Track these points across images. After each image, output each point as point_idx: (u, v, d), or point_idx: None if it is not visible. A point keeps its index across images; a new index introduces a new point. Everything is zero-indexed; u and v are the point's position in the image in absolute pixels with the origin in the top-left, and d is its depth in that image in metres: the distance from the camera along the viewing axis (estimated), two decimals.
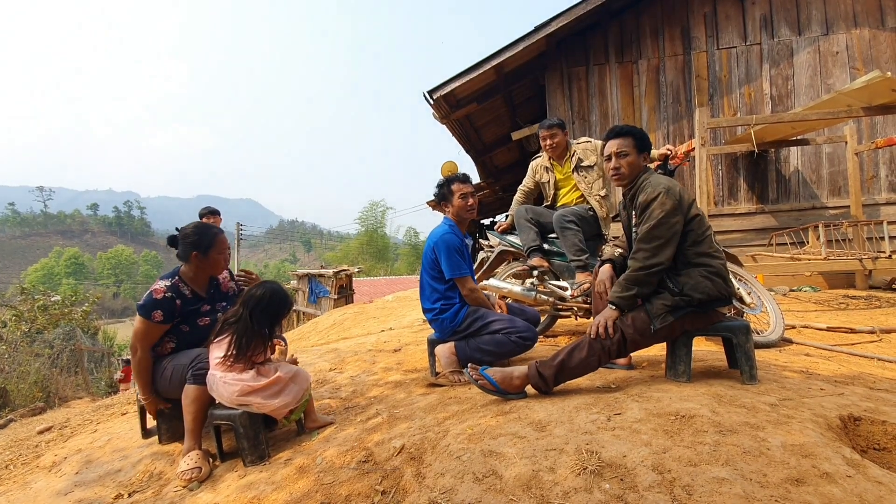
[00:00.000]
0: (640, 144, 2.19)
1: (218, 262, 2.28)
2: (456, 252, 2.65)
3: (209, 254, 2.23)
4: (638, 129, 2.23)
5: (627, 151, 2.17)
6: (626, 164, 2.18)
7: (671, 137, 7.18)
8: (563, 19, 6.77)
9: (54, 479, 2.17)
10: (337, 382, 2.89)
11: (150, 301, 2.12)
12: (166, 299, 2.14)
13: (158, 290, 2.14)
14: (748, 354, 2.05)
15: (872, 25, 6.74)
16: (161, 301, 2.12)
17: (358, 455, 1.78)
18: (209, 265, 2.26)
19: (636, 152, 2.18)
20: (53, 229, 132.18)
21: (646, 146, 2.21)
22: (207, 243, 2.22)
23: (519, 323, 2.59)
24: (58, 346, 11.18)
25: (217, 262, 2.28)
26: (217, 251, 2.26)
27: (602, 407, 1.78)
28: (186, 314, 2.22)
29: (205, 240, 2.22)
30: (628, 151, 2.17)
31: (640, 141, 2.19)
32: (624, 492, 1.25)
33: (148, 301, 2.12)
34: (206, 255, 2.22)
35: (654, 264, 2.01)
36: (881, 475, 1.26)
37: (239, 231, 26.21)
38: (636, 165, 2.19)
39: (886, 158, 6.68)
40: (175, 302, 2.16)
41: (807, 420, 1.58)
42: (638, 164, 2.20)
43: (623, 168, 2.19)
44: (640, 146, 2.19)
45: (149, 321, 2.11)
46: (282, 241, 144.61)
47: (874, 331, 3.64)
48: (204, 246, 2.21)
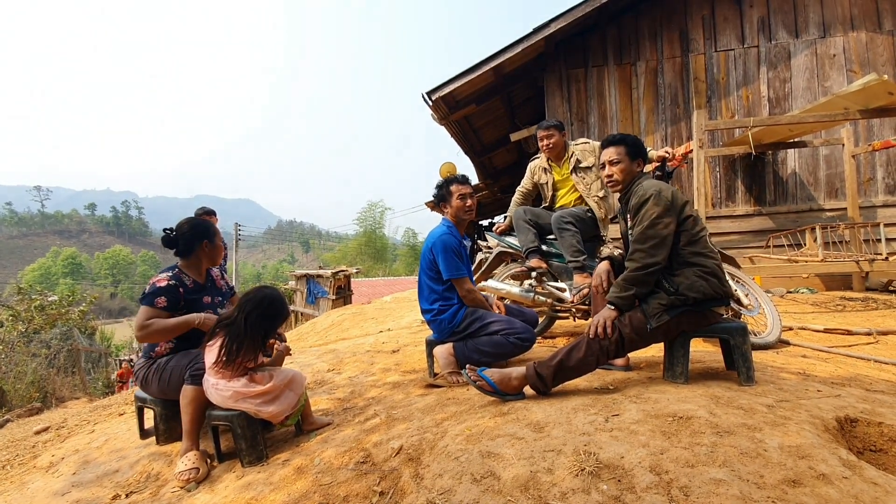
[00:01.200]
0: (633, 151, 2.28)
1: (220, 249, 2.44)
2: (454, 253, 2.65)
3: (214, 240, 2.37)
4: (631, 136, 2.33)
5: (619, 159, 2.27)
6: (619, 171, 2.28)
7: (669, 139, 7.20)
8: (562, 21, 6.79)
9: (51, 480, 2.17)
10: (335, 383, 2.89)
11: (153, 289, 2.13)
12: (170, 286, 2.16)
13: (161, 280, 2.17)
14: (745, 356, 2.06)
15: (869, 28, 6.77)
16: (165, 288, 2.14)
17: (356, 456, 1.78)
18: (215, 252, 2.38)
19: (629, 159, 2.27)
20: (51, 229, 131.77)
21: (639, 153, 2.30)
22: (212, 230, 2.37)
23: (517, 324, 2.59)
24: (55, 347, 11.14)
25: (220, 249, 2.43)
26: (218, 237, 2.43)
27: (600, 408, 1.78)
28: (190, 302, 2.22)
29: (208, 228, 2.36)
30: (620, 159, 2.27)
31: (631, 147, 2.28)
32: (621, 493, 1.26)
33: (151, 289, 2.14)
34: (213, 242, 2.36)
35: (650, 264, 2.04)
36: (877, 476, 1.27)
37: (237, 231, 26.16)
38: (629, 171, 2.28)
39: (883, 161, 6.71)
40: (178, 290, 2.19)
41: (803, 421, 1.58)
42: (631, 169, 2.28)
43: (615, 175, 2.29)
44: (632, 153, 2.28)
45: (152, 307, 2.11)
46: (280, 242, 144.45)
47: (871, 332, 3.66)
48: (210, 233, 2.35)
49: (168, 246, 2.28)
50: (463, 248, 2.76)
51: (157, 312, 2.12)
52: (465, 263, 2.73)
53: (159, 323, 2.11)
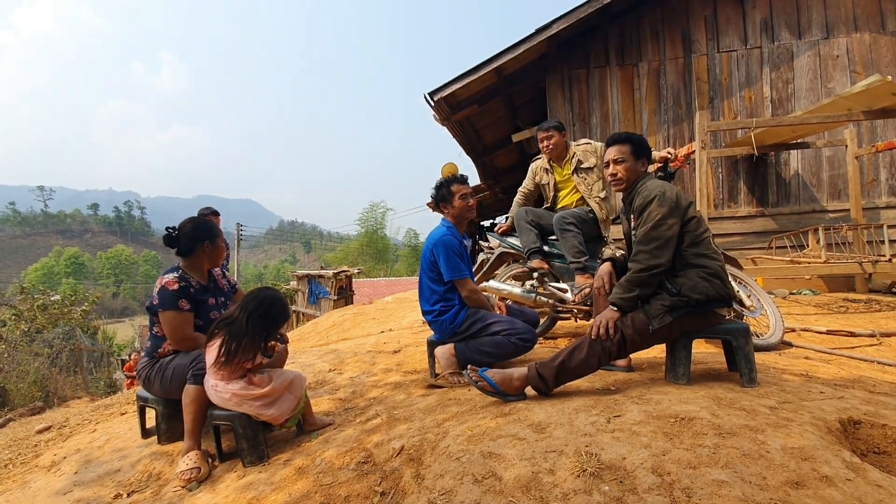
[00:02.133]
0: (638, 150, 2.26)
1: (223, 251, 2.42)
2: (455, 254, 2.65)
3: (216, 241, 2.35)
4: (637, 135, 2.31)
5: (624, 158, 2.25)
6: (623, 170, 2.26)
7: (671, 140, 7.19)
8: (563, 22, 6.78)
9: (53, 479, 2.17)
10: (336, 383, 2.89)
11: (168, 294, 2.13)
12: (182, 288, 2.16)
13: (170, 282, 2.15)
14: (748, 357, 2.06)
15: (873, 29, 6.75)
16: (179, 291, 2.15)
17: (357, 456, 1.78)
18: (217, 253, 2.35)
19: (633, 158, 2.25)
20: (53, 229, 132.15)
21: (643, 152, 2.28)
22: (214, 231, 2.34)
23: (519, 324, 2.59)
24: (57, 346, 11.16)
25: (222, 251, 2.42)
26: (220, 238, 2.41)
27: (602, 409, 1.78)
28: (198, 304, 2.23)
29: (211, 228, 2.34)
30: (625, 158, 2.25)
31: (637, 147, 2.26)
32: (623, 494, 1.25)
33: (166, 294, 2.13)
34: (215, 243, 2.33)
35: (654, 265, 2.03)
36: (881, 479, 1.26)
37: (239, 231, 26.20)
38: (633, 170, 2.26)
39: (887, 162, 6.69)
40: (189, 290, 2.19)
41: (806, 423, 1.58)
42: (635, 169, 2.26)
43: (620, 173, 2.27)
44: (637, 152, 2.26)
45: (179, 311, 2.13)
46: (282, 242, 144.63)
47: (874, 334, 3.64)
48: (213, 234, 2.32)
49: (170, 245, 2.27)
50: (464, 248, 2.76)
51: (185, 316, 2.15)
52: (466, 264, 2.73)
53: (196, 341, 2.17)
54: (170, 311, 2.13)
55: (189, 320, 2.18)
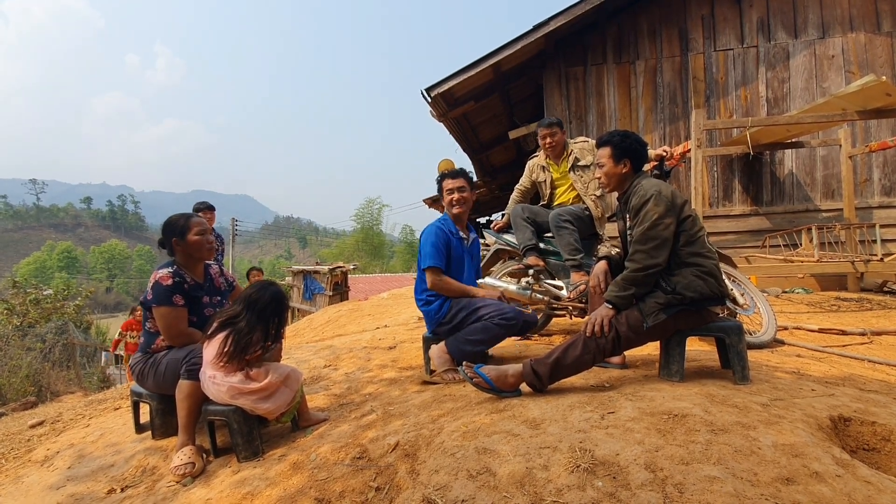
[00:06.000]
0: (617, 152, 2.26)
1: (199, 244, 2.24)
2: (433, 243, 2.62)
3: (186, 237, 2.22)
4: (617, 136, 2.29)
5: (603, 162, 2.30)
6: (603, 174, 2.31)
7: (667, 138, 7.21)
8: (561, 19, 6.78)
9: (46, 474, 2.16)
10: (332, 379, 2.89)
11: (163, 289, 2.11)
12: (176, 283, 2.15)
13: (164, 277, 2.13)
14: (741, 355, 2.07)
15: (868, 29, 6.78)
16: (173, 286, 2.13)
17: (352, 452, 1.78)
18: (192, 248, 2.23)
19: (612, 161, 2.27)
20: (46, 223, 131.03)
21: (625, 153, 2.26)
22: (182, 227, 2.22)
23: (504, 305, 2.55)
24: (50, 341, 11.08)
25: (199, 244, 2.24)
26: (194, 233, 2.23)
27: (596, 405, 1.79)
28: (192, 300, 2.22)
29: (178, 224, 2.23)
30: (603, 162, 2.29)
31: (616, 149, 2.27)
32: (616, 489, 1.26)
33: (160, 289, 2.11)
34: (184, 238, 2.21)
35: (651, 265, 2.04)
36: (870, 475, 1.28)
37: (234, 226, 26.08)
38: (612, 173, 2.28)
39: (880, 162, 6.74)
40: (183, 286, 2.18)
41: (797, 420, 1.59)
42: (615, 171, 2.27)
43: (602, 178, 2.33)
44: (616, 154, 2.26)
45: (173, 307, 2.11)
46: (277, 238, 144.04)
47: (865, 333, 3.68)
48: (179, 230, 2.22)
49: (160, 245, 2.30)
50: (458, 240, 2.74)
51: (179, 311, 2.13)
52: (454, 257, 2.70)
53: (190, 337, 2.15)
54: (164, 307, 2.11)
55: (183, 316, 2.17)
